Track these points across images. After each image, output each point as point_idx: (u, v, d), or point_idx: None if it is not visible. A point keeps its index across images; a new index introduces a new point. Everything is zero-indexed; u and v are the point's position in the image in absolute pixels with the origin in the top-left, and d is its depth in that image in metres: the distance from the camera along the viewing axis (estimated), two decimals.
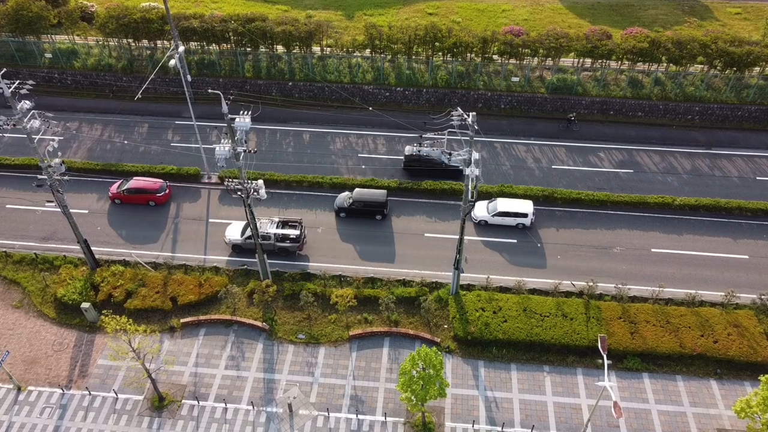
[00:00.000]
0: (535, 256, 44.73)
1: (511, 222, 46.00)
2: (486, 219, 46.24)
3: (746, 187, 50.08)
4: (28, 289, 42.72)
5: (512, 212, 45.66)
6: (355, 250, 45.22)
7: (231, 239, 44.27)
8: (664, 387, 37.54)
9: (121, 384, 37.81)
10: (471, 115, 33.65)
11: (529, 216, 45.58)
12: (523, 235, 45.99)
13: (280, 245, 43.72)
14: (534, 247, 45.32)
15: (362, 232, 46.20)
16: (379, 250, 45.09)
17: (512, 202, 46.20)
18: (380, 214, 46.38)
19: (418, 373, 31.99)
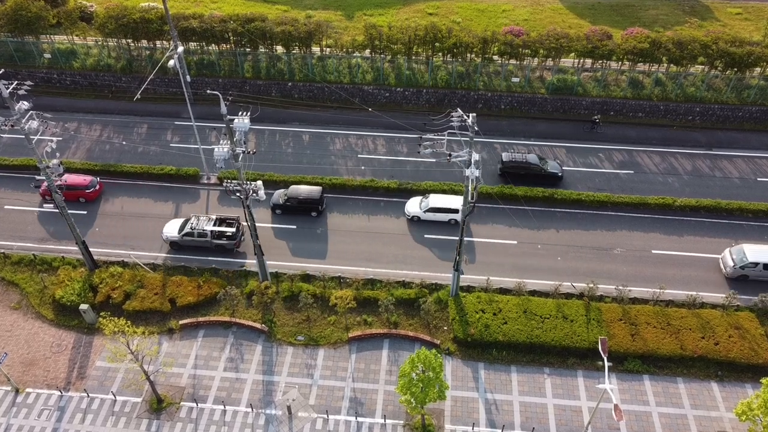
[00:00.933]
0: (535, 258, 44.56)
1: (443, 218, 45.91)
2: (418, 215, 46.17)
3: (747, 188, 49.91)
4: (27, 290, 42.54)
5: (444, 208, 45.62)
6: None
7: (168, 236, 44.52)
8: (665, 389, 37.39)
9: (120, 386, 37.65)
10: (471, 116, 33.49)
11: (460, 212, 45.47)
12: (523, 236, 45.81)
13: (216, 242, 44.09)
14: (534, 249, 45.15)
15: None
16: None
17: (444, 198, 46.16)
18: (315, 211, 46.56)
19: (417, 375, 31.83)
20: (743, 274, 42.30)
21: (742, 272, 42.22)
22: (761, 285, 42.29)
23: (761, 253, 42.04)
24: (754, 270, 41.95)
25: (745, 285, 42.44)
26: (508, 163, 49.40)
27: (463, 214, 37.19)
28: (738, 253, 42.64)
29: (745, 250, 42.32)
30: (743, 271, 42.14)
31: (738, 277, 42.62)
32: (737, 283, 42.66)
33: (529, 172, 49.16)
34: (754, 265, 41.77)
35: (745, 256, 42.11)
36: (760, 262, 41.66)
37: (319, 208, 46.56)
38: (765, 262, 41.64)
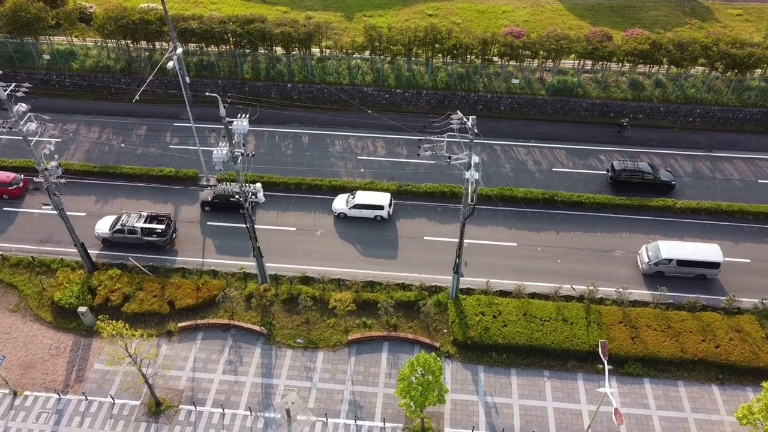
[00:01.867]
0: (536, 260, 44.43)
1: (369, 214, 46.09)
2: (344, 212, 46.36)
3: (748, 189, 49.77)
4: (25, 292, 42.41)
5: (369, 204, 45.72)
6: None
7: (99, 233, 44.82)
8: (666, 392, 37.26)
9: (118, 389, 37.51)
10: (471, 119, 33.35)
11: (385, 208, 45.76)
12: (523, 238, 45.67)
13: (147, 239, 44.33)
14: (534, 251, 45.02)
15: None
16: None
17: (370, 195, 46.21)
18: (242, 208, 46.39)
19: (417, 379, 31.70)
20: (658, 270, 42.62)
21: (656, 268, 42.55)
22: (681, 282, 42.54)
23: (675, 250, 42.29)
24: (668, 266, 42.25)
25: (663, 281, 42.62)
26: (620, 171, 48.69)
27: (463, 217, 37.04)
28: (653, 250, 42.97)
29: (660, 247, 42.59)
30: (657, 267, 42.46)
31: (653, 274, 42.96)
32: (653, 278, 42.88)
33: (642, 181, 48.43)
34: (668, 262, 42.09)
35: (659, 252, 42.37)
36: (674, 259, 41.93)
37: None
38: (678, 258, 41.89)
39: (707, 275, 42.46)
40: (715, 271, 42.16)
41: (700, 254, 42.01)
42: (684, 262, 41.90)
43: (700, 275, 42.53)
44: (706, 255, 41.97)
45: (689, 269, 42.19)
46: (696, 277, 42.70)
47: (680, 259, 41.88)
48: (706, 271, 42.20)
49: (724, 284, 42.73)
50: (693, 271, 42.33)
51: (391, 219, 47.03)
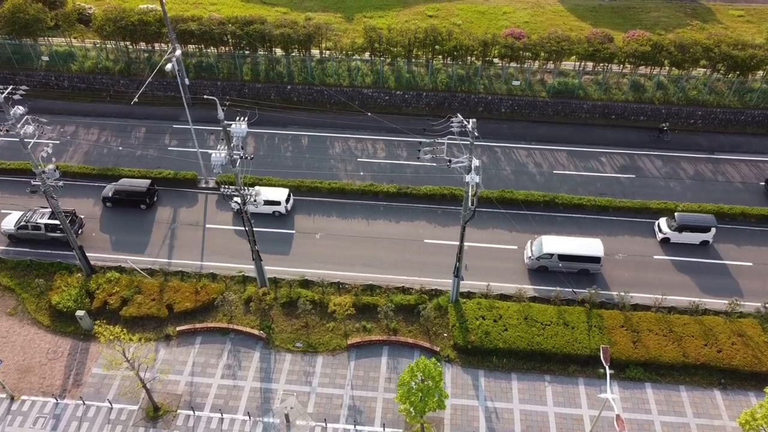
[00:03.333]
0: None
1: (267, 210, 46.31)
2: None
3: (749, 192, 49.51)
4: (23, 296, 42.17)
5: (266, 200, 45.54)
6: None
7: (5, 229, 45.04)
8: (667, 397, 36.98)
9: (116, 393, 37.25)
10: (471, 122, 33.09)
11: (282, 204, 46.05)
12: (523, 241, 45.36)
13: (51, 235, 44.46)
14: None
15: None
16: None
17: (267, 190, 46.32)
18: (144, 204, 47.14)
19: (416, 384, 31.42)
20: (541, 265, 42.80)
21: (539, 263, 42.81)
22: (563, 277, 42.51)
23: (557, 244, 42.54)
24: (550, 261, 42.59)
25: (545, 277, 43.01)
26: None
27: (463, 220, 36.78)
28: (537, 245, 43.15)
29: (543, 242, 42.77)
30: (540, 261, 42.68)
31: (538, 268, 43.16)
32: (537, 273, 43.11)
33: None
34: (549, 256, 42.36)
35: (542, 247, 42.48)
36: (555, 253, 42.18)
37: (147, 200, 47.10)
38: (560, 252, 42.11)
39: (590, 270, 42.68)
40: (596, 265, 42.41)
41: (580, 249, 42.29)
42: (565, 257, 42.14)
43: (583, 270, 42.70)
44: (587, 250, 42.25)
45: (571, 264, 42.42)
46: (579, 272, 42.81)
47: (561, 254, 42.08)
48: (589, 265, 42.44)
49: (726, 288, 42.43)
50: (575, 266, 42.57)
51: (290, 214, 47.23)
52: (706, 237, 44.45)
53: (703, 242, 44.74)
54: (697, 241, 44.59)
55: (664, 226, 45.08)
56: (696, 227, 44.18)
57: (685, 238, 44.52)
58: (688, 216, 44.62)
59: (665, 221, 45.38)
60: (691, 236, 44.41)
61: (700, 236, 44.36)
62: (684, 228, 44.21)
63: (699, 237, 44.42)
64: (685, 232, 44.29)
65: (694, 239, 44.53)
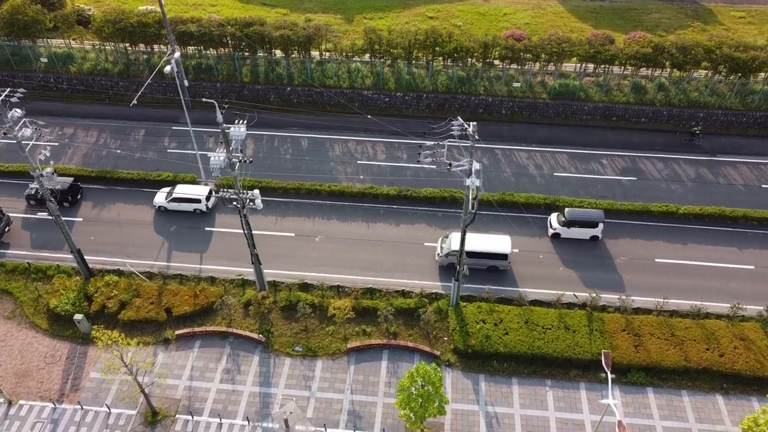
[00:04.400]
0: (537, 266, 43.89)
1: (188, 207, 46.89)
2: (164, 205, 47.13)
3: (751, 194, 49.24)
4: (21, 299, 41.92)
5: (187, 198, 46.50)
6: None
7: None
8: (669, 402, 36.73)
9: (114, 398, 37.01)
10: (471, 125, 32.86)
11: (203, 201, 46.45)
12: (524, 244, 45.12)
13: None
14: (536, 257, 44.50)
15: None
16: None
17: (188, 188, 47.15)
18: (67, 201, 47.18)
19: (416, 390, 31.20)
20: (451, 262, 42.68)
21: (448, 260, 42.74)
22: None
23: (466, 241, 41.80)
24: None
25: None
26: None
27: (463, 224, 36.56)
28: (447, 242, 42.95)
29: (452, 238, 42.61)
30: (449, 258, 42.63)
31: (448, 265, 43.02)
32: (446, 270, 43.07)
33: None
34: (457, 253, 41.91)
35: (450, 244, 42.38)
36: (464, 250, 41.63)
37: (69, 198, 47.13)
38: (468, 249, 41.48)
39: (499, 266, 42.83)
40: (504, 262, 42.58)
41: (487, 245, 42.32)
42: (472, 254, 42.04)
43: (493, 266, 42.85)
44: (493, 246, 42.34)
45: (479, 260, 42.51)
46: (489, 268, 42.93)
47: (469, 251, 41.73)
48: (497, 262, 42.63)
49: (728, 291, 42.21)
50: (484, 263, 42.67)
51: (211, 212, 47.37)
52: (594, 232, 44.68)
53: (593, 237, 44.93)
54: (586, 236, 44.81)
55: (554, 222, 45.33)
56: (584, 222, 44.37)
57: (574, 234, 44.74)
58: (577, 211, 44.85)
59: (556, 217, 45.58)
60: (580, 231, 44.72)
61: (589, 231, 44.62)
62: (572, 223, 44.44)
63: (588, 232, 44.70)
64: (574, 227, 44.51)
65: (583, 234, 44.85)
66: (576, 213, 44.72)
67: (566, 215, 44.72)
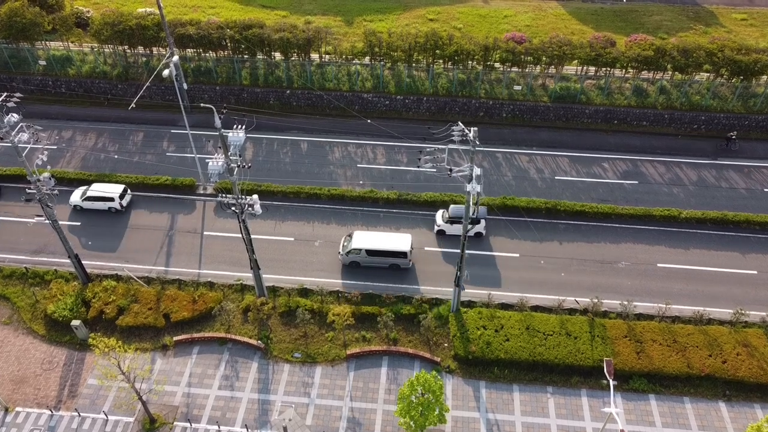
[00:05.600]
0: (538, 271, 43.59)
1: (102, 206, 46.70)
2: (79, 204, 46.92)
3: (754, 198, 48.91)
4: (18, 304, 41.62)
5: (100, 197, 46.31)
6: None
7: None
8: (672, 409, 36.39)
9: (112, 405, 36.69)
10: (472, 131, 32.55)
11: (116, 200, 46.10)
12: (525, 249, 44.83)
13: None
14: (537, 262, 44.19)
15: None
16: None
17: (102, 186, 46.87)
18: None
19: (417, 398, 30.87)
20: (353, 260, 43.02)
21: (350, 258, 43.02)
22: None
23: (365, 240, 42.68)
24: (359, 256, 42.71)
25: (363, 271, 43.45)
26: None
27: (464, 229, 36.23)
28: (348, 241, 43.53)
29: (353, 237, 43.09)
30: (349, 256, 42.86)
31: (350, 263, 43.37)
32: (350, 268, 43.47)
33: None
34: (358, 251, 42.49)
35: (351, 242, 42.57)
36: (363, 248, 42.33)
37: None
38: (367, 248, 42.22)
39: (400, 265, 42.96)
40: (405, 260, 42.65)
41: (387, 244, 42.49)
42: (373, 252, 42.32)
43: (394, 264, 42.96)
44: (393, 245, 42.46)
45: (380, 259, 42.69)
46: (391, 266, 43.10)
47: (369, 249, 42.20)
48: (398, 260, 42.72)
49: (730, 297, 41.87)
50: (385, 261, 42.86)
51: (127, 210, 47.26)
52: (478, 229, 44.66)
53: (477, 234, 44.92)
54: (471, 233, 44.28)
55: (439, 219, 45.56)
56: None
57: (457, 230, 44.45)
58: (460, 208, 44.52)
59: (441, 214, 45.78)
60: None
61: (472, 228, 44.22)
62: (455, 220, 44.52)
63: (471, 229, 44.15)
64: (457, 224, 44.51)
65: None
66: (459, 210, 44.58)
67: (450, 212, 44.90)
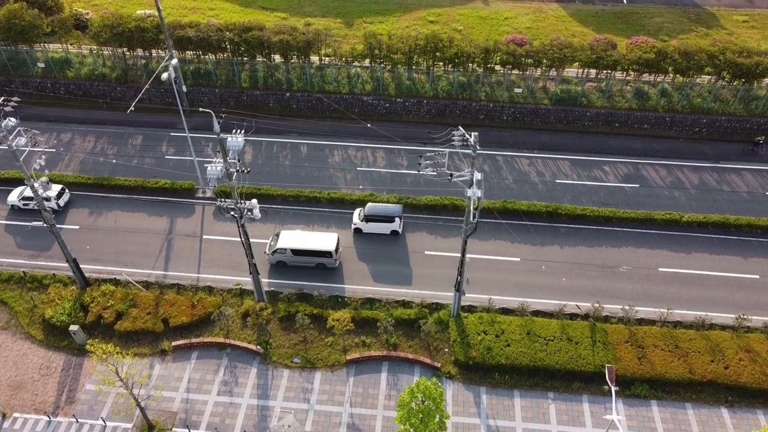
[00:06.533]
0: (539, 275, 43.34)
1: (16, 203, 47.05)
2: (17, 204, 47.02)
3: (755, 202, 48.66)
4: (16, 309, 41.40)
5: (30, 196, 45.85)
6: None
7: None
8: (674, 415, 36.14)
9: (110, 411, 36.45)
10: (473, 135, 32.32)
11: (53, 200, 46.06)
12: (526, 253, 44.59)
13: None
14: (538, 266, 43.95)
15: None
16: None
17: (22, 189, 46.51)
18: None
19: (417, 405, 30.63)
20: (280, 259, 43.17)
21: (275, 257, 43.17)
22: None
23: (291, 239, 42.98)
24: (284, 255, 42.92)
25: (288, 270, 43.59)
26: None
27: (464, 234, 35.99)
28: (274, 240, 43.82)
29: (280, 236, 43.34)
30: (275, 256, 43.05)
31: (277, 263, 43.49)
32: (276, 268, 43.58)
33: None
34: (284, 251, 42.68)
35: (277, 242, 43.03)
36: (288, 248, 42.48)
37: None
38: (292, 247, 42.41)
39: (326, 264, 43.16)
40: (330, 260, 42.83)
41: (311, 243, 42.68)
42: (298, 251, 42.60)
43: (321, 264, 43.16)
44: (318, 244, 42.63)
45: (306, 258, 42.91)
46: (317, 266, 43.30)
47: (294, 248, 42.41)
48: (323, 260, 42.91)
49: (732, 301, 41.63)
50: (311, 260, 43.07)
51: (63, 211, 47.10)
52: (393, 227, 44.97)
53: (393, 232, 45.24)
54: (386, 230, 45.07)
55: (355, 218, 45.85)
56: (382, 218, 44.76)
57: (373, 228, 45.05)
58: (376, 207, 45.27)
59: (357, 213, 46.14)
60: (379, 226, 45.07)
61: (388, 226, 44.89)
62: (370, 218, 44.90)
63: (387, 227, 44.97)
64: (372, 222, 44.91)
65: (383, 229, 45.15)
66: (374, 208, 45.05)
67: (366, 211, 45.31)
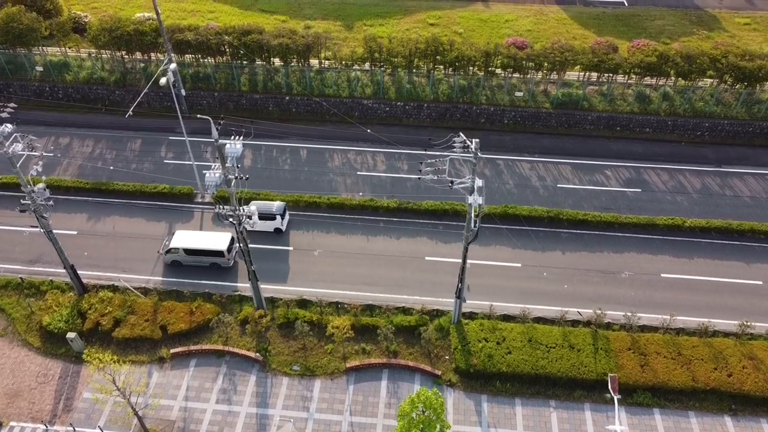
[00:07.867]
0: (541, 281, 43.01)
1: None
2: None
3: (759, 207, 48.32)
4: (13, 315, 41.04)
5: None
6: None
7: None
8: (677, 424, 35.80)
9: (107, 420, 36.11)
10: (474, 142, 32.00)
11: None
12: (527, 259, 44.25)
13: None
14: (539, 272, 43.60)
15: None
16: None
17: None
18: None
19: (417, 416, 30.26)
20: (174, 259, 43.36)
21: (169, 257, 43.34)
22: None
23: (184, 239, 43.16)
24: (177, 255, 43.09)
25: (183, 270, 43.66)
26: None
27: (465, 241, 35.67)
28: (168, 239, 43.84)
29: (174, 235, 43.58)
30: (169, 256, 43.24)
31: (172, 262, 43.62)
32: (171, 268, 43.68)
33: None
34: (176, 251, 42.87)
35: (170, 241, 43.20)
36: (180, 247, 42.72)
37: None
38: (184, 247, 42.67)
39: (220, 264, 43.36)
40: (223, 259, 43.03)
41: (203, 243, 42.90)
42: (190, 251, 42.79)
43: (215, 264, 43.34)
44: (209, 244, 42.83)
45: (199, 258, 43.10)
46: (211, 265, 43.42)
47: (186, 248, 42.58)
48: (217, 259, 43.12)
49: (735, 308, 41.27)
50: (204, 260, 43.25)
51: None
52: (276, 225, 45.29)
53: (276, 229, 45.57)
54: (270, 228, 45.34)
55: None
56: (265, 215, 44.70)
57: (260, 226, 44.59)
58: (260, 204, 45.01)
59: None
60: (264, 224, 44.98)
61: (272, 224, 45.16)
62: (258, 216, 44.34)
63: (271, 224, 45.21)
64: (260, 220, 44.49)
65: (267, 227, 45.27)
66: (258, 206, 44.50)
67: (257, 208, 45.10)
